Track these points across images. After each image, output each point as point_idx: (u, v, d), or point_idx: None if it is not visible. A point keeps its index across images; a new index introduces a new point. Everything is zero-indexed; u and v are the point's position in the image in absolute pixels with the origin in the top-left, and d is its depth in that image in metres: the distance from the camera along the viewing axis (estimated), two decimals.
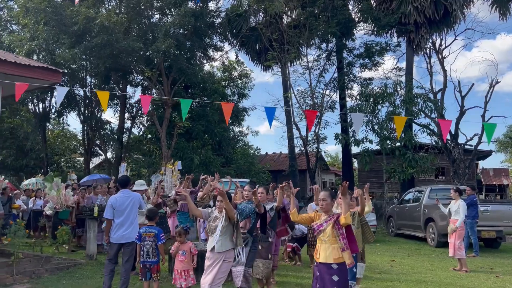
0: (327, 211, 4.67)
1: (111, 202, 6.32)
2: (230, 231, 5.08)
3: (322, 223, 4.64)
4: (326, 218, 4.64)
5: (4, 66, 8.10)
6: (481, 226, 11.43)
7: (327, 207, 4.64)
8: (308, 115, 7.86)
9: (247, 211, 5.85)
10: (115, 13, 16.18)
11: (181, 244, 5.84)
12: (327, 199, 4.64)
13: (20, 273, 7.63)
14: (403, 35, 20.02)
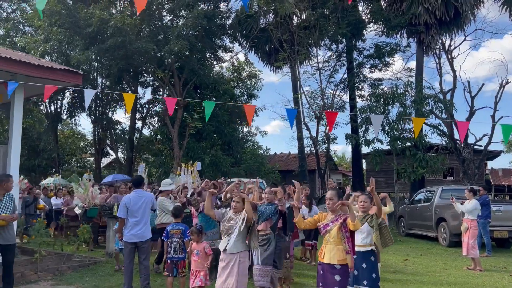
0: (334, 211, 4.60)
1: (125, 202, 6.47)
2: (244, 233, 5.06)
3: (328, 223, 4.57)
4: (333, 218, 4.57)
5: (27, 68, 8.30)
6: (494, 226, 11.48)
7: (334, 206, 4.57)
8: (328, 116, 7.97)
9: (267, 212, 5.88)
10: (128, 15, 16.39)
11: (195, 244, 5.81)
12: (334, 198, 4.59)
13: (43, 270, 7.84)
14: (413, 36, 20.08)
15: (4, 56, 7.86)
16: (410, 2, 18.87)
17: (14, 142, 8.65)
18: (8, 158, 8.58)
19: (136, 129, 25.22)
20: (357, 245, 5.07)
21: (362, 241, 5.27)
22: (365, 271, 5.17)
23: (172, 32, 16.75)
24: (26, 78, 8.62)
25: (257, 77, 26.34)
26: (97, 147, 25.83)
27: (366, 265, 5.19)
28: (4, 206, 5.97)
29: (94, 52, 16.38)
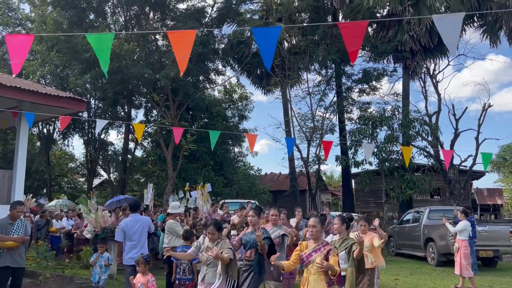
0: (317, 238, 4.45)
1: (122, 226, 6.81)
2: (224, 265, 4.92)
3: (311, 252, 4.41)
4: (315, 247, 4.41)
5: (34, 96, 8.69)
6: (479, 246, 11.99)
7: (317, 234, 4.43)
8: (324, 146, 8.45)
9: (251, 242, 5.62)
10: (125, 41, 16.88)
11: (140, 275, 5.49)
12: (316, 225, 4.42)
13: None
14: (399, 62, 20.93)
15: (13, 85, 8.24)
16: (396, 30, 19.75)
17: (19, 167, 8.97)
18: (13, 182, 8.87)
19: (129, 150, 25.45)
20: None
21: (340, 264, 4.90)
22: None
23: (168, 57, 17.26)
24: (32, 105, 9.01)
25: (248, 99, 26.95)
26: (89, 168, 25.96)
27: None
28: (16, 230, 6.23)
29: (92, 76, 16.78)
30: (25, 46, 3.79)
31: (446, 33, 3.07)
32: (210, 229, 4.95)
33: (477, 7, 18.98)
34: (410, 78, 21.12)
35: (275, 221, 6.12)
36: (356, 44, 3.51)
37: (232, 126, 24.63)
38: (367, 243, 5.92)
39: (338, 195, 39.39)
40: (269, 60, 3.56)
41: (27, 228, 6.42)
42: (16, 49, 3.78)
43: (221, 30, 22.07)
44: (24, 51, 3.79)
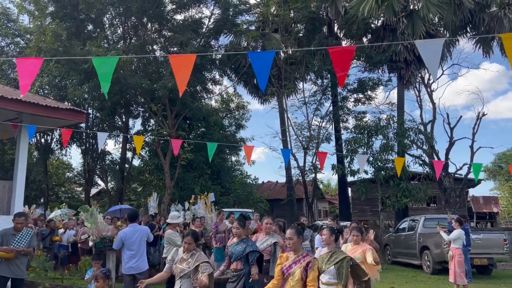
0: (296, 250, 4.38)
1: (120, 236, 6.95)
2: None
3: (291, 264, 4.32)
4: (295, 258, 4.32)
5: (35, 108, 8.85)
6: (474, 254, 12.14)
7: (295, 245, 4.35)
8: (320, 157, 8.64)
9: (236, 253, 5.51)
10: (124, 52, 17.09)
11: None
12: (293, 237, 4.34)
13: None
14: (394, 71, 21.22)
15: (14, 98, 8.39)
16: (390, 41, 20.06)
17: (19, 178, 9.10)
18: (13, 193, 8.98)
19: (126, 160, 25.55)
20: (324, 284, 4.77)
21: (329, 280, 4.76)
22: None
23: (165, 67, 17.47)
24: (32, 116, 9.16)
25: (245, 108, 27.17)
26: (87, 177, 26.03)
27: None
28: (18, 241, 6.29)
29: (90, 87, 16.95)
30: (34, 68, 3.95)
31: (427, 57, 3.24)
32: (187, 239, 4.81)
33: (469, 17, 19.36)
34: (404, 88, 21.40)
35: (268, 229, 6.15)
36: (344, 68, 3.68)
37: (229, 135, 24.80)
38: (358, 255, 5.91)
39: (335, 204, 39.48)
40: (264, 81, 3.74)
41: (31, 240, 6.42)
42: (26, 71, 3.95)
43: (218, 41, 22.32)
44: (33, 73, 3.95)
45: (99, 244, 8.95)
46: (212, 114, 23.44)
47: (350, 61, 4.12)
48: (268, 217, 6.40)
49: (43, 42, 17.14)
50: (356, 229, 6.19)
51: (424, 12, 18.46)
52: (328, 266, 4.62)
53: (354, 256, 5.80)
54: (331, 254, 4.76)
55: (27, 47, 19.97)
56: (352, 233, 6.19)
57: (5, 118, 9.15)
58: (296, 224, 4.78)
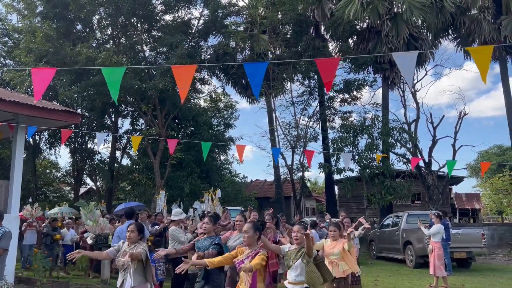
0: (250, 245, 4.33)
1: (117, 233, 7.32)
2: (140, 267, 4.80)
3: (244, 258, 4.28)
4: (248, 253, 4.28)
5: (30, 110, 9.09)
6: (453, 248, 12.71)
7: (249, 240, 4.29)
8: (307, 155, 9.08)
9: (202, 248, 5.43)
10: (114, 53, 17.31)
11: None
12: (249, 231, 4.28)
13: None
14: (378, 72, 21.82)
15: (11, 100, 8.64)
16: (375, 43, 20.64)
17: (15, 178, 9.33)
18: (10, 192, 9.22)
19: (115, 159, 25.71)
20: (290, 283, 4.66)
21: (296, 278, 4.61)
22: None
23: (156, 69, 17.77)
24: (28, 118, 9.41)
25: (234, 108, 27.51)
26: (76, 176, 26.11)
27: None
28: None
29: (81, 88, 17.15)
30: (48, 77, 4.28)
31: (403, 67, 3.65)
32: (131, 227, 4.79)
33: (451, 20, 20.02)
34: (389, 88, 22.01)
35: (239, 227, 5.96)
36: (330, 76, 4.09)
37: (218, 134, 25.13)
38: (337, 250, 5.80)
39: (322, 201, 40.11)
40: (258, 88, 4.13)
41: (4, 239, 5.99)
42: (40, 80, 4.28)
43: (207, 42, 22.63)
44: (46, 82, 4.28)
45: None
46: (201, 114, 23.76)
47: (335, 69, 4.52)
48: (239, 214, 6.36)
49: (33, 43, 17.25)
50: (333, 225, 6.07)
51: (408, 15, 19.05)
52: (295, 261, 4.58)
53: (332, 252, 5.81)
54: (299, 249, 4.66)
55: (17, 47, 20.02)
56: (329, 229, 6.05)
57: (1, 119, 9.36)
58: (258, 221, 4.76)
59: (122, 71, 4.53)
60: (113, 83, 4.35)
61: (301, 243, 4.63)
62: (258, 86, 4.09)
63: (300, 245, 4.67)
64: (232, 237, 6.16)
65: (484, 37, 19.35)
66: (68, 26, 20.27)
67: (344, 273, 5.74)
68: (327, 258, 5.84)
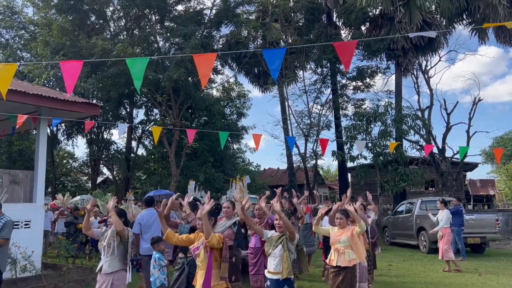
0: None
1: (139, 220, 7.60)
2: (121, 251, 4.78)
3: (199, 245, 4.12)
4: (203, 239, 4.06)
5: (53, 102, 9.39)
6: (467, 233, 12.85)
7: (202, 227, 4.09)
8: (321, 143, 9.27)
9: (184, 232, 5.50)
10: (129, 44, 17.56)
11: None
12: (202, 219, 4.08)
13: (71, 281, 8.82)
14: (391, 59, 21.71)
15: (34, 93, 8.94)
16: (388, 29, 20.53)
17: (40, 168, 9.67)
18: (35, 182, 9.58)
19: (131, 149, 26.18)
20: (270, 272, 4.58)
21: (275, 267, 4.53)
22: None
23: (170, 60, 18.00)
24: (50, 110, 9.73)
25: (246, 97, 27.69)
26: (93, 166, 26.68)
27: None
28: None
29: (96, 79, 17.48)
30: (76, 70, 4.52)
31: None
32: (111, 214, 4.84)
33: (465, 5, 19.79)
34: (402, 75, 21.91)
35: (226, 213, 5.93)
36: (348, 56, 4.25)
37: (231, 123, 25.37)
38: (344, 237, 5.42)
39: (335, 189, 40.27)
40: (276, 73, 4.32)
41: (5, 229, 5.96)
42: (69, 72, 4.52)
43: (220, 31, 22.74)
44: (75, 74, 4.52)
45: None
46: (214, 104, 24.00)
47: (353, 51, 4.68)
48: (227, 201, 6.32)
49: (50, 36, 17.59)
50: (340, 212, 5.64)
51: (421, 0, 18.88)
52: (274, 248, 4.55)
53: (339, 240, 5.44)
54: (281, 236, 4.64)
55: (33, 40, 20.40)
56: (336, 216, 5.66)
57: (24, 112, 9.69)
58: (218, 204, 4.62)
59: (145, 62, 4.76)
60: (137, 73, 4.57)
61: (283, 231, 4.61)
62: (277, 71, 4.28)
63: (282, 232, 4.62)
64: (219, 223, 5.92)
65: (499, 21, 19.09)
66: (82, 18, 20.56)
67: (350, 263, 5.32)
68: (333, 246, 5.54)
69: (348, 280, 5.26)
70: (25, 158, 25.47)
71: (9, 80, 4.63)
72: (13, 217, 8.60)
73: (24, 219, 8.92)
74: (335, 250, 5.45)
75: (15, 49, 24.09)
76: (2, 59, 23.63)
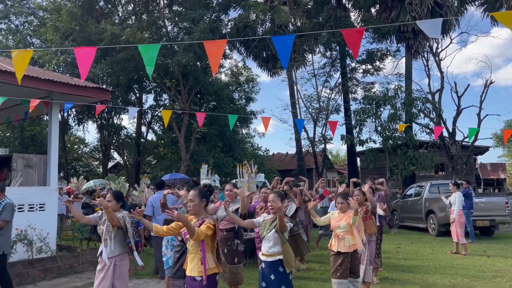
0: (196, 214, 4.04)
1: (151, 202, 7.79)
2: (120, 236, 4.76)
3: None
4: (195, 223, 3.97)
5: (64, 87, 9.51)
6: (476, 216, 12.86)
7: (195, 208, 4.00)
8: (331, 125, 9.28)
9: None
10: (137, 29, 17.57)
11: None
12: (195, 199, 4.00)
13: (85, 262, 9.06)
14: (402, 42, 21.46)
15: (46, 78, 9.06)
16: (398, 11, 20.25)
17: (52, 152, 9.84)
18: (48, 166, 9.77)
19: (141, 134, 26.40)
20: (264, 254, 4.58)
21: (269, 250, 4.53)
22: (273, 284, 4.43)
23: (179, 44, 17.99)
24: (61, 95, 9.86)
25: (255, 81, 27.63)
26: (104, 151, 27.00)
27: (274, 276, 4.45)
28: None
29: (107, 64, 17.57)
30: (90, 56, 4.60)
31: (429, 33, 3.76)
32: (108, 196, 4.78)
33: None
34: (412, 57, 21.68)
35: (229, 196, 5.90)
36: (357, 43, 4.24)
37: (240, 108, 25.38)
38: (344, 223, 5.31)
39: (344, 173, 40.28)
40: (286, 60, 4.32)
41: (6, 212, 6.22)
42: (83, 58, 4.60)
43: (228, 15, 22.60)
44: (89, 60, 4.60)
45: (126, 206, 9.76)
46: (223, 88, 24.01)
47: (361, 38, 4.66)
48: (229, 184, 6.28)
49: (60, 21, 17.65)
50: (341, 196, 5.51)
51: None
52: (268, 231, 4.51)
53: (339, 225, 5.34)
54: (274, 219, 4.53)
55: (42, 26, 20.49)
56: (337, 200, 5.55)
57: (36, 97, 9.83)
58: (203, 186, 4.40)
59: (157, 48, 4.81)
60: (149, 59, 4.63)
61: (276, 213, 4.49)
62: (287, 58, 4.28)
63: (275, 214, 4.50)
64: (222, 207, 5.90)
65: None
66: (91, 3, 20.55)
67: (350, 248, 5.23)
68: (334, 231, 5.45)
69: (348, 263, 5.21)
70: (37, 144, 25.82)
71: (25, 66, 4.71)
72: (28, 200, 8.91)
73: (39, 202, 9.13)
74: (335, 236, 5.40)
75: (25, 35, 24.23)
76: (12, 45, 23.80)
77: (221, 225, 5.81)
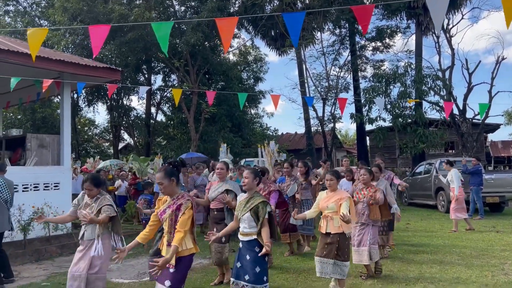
0: (170, 194, 3.85)
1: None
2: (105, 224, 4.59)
3: (165, 208, 3.82)
4: (170, 202, 3.82)
5: (75, 68, 9.60)
6: (486, 193, 12.85)
7: (166, 190, 3.81)
8: (340, 102, 9.28)
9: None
10: (145, 9, 17.52)
11: None
12: (163, 181, 3.79)
13: None
14: (412, 18, 21.12)
15: (57, 58, 9.14)
16: None
17: (65, 131, 10.00)
18: (61, 145, 9.94)
19: (151, 115, 26.58)
20: (241, 234, 4.42)
21: (244, 229, 4.38)
22: (248, 264, 4.26)
23: (186, 23, 17.94)
24: (72, 75, 9.95)
25: (263, 61, 27.51)
26: (114, 132, 27.27)
27: (249, 256, 4.28)
28: None
29: (114, 45, 17.60)
30: (103, 33, 4.66)
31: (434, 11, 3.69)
32: (86, 185, 4.52)
33: None
34: (423, 34, 21.36)
35: (220, 174, 5.81)
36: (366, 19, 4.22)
37: (248, 88, 25.35)
38: (332, 203, 5.02)
39: (353, 153, 40.25)
40: (296, 38, 4.32)
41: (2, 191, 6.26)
42: (96, 36, 4.67)
43: None
44: (102, 37, 4.66)
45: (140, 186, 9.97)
46: (231, 68, 23.96)
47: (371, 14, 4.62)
48: (220, 162, 6.15)
49: (68, 2, 17.66)
50: (330, 173, 5.21)
51: None
52: (243, 213, 4.36)
53: (327, 205, 5.06)
54: (248, 199, 4.43)
55: (51, 7, 20.49)
56: (326, 177, 5.24)
57: (48, 77, 9.94)
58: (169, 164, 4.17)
59: (170, 26, 4.86)
60: (162, 37, 4.69)
61: (250, 190, 4.43)
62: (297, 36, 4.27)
63: (250, 192, 4.43)
64: (213, 187, 5.87)
65: None
66: None
67: (339, 229, 4.96)
68: (323, 213, 5.15)
69: (336, 243, 4.98)
70: (48, 125, 26.14)
71: (39, 44, 4.78)
72: (42, 179, 9.12)
73: (53, 181, 9.34)
74: (323, 217, 5.12)
75: (33, 16, 24.29)
76: (21, 26, 23.88)
77: (212, 205, 5.85)
